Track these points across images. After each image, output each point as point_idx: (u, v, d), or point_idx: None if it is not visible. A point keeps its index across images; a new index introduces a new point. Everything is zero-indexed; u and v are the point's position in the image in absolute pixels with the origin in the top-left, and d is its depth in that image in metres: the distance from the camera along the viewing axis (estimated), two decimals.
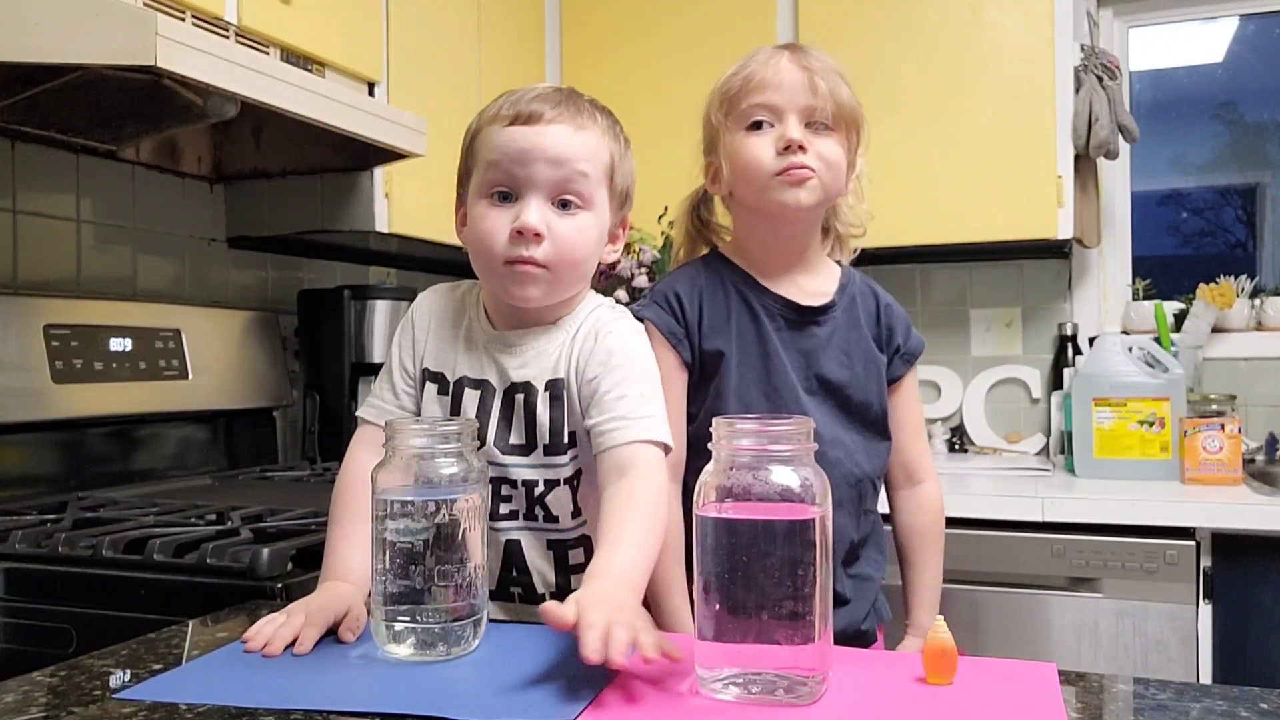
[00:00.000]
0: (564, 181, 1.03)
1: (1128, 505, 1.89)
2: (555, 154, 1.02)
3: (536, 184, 1.03)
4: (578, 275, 1.08)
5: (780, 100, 1.14)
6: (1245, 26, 2.68)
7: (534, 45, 2.63)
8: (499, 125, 1.04)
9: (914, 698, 0.76)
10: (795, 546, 0.74)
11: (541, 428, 1.06)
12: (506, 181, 1.03)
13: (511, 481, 1.07)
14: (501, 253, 1.03)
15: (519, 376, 1.07)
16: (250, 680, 0.79)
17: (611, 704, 0.74)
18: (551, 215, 1.03)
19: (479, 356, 1.10)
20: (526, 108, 1.03)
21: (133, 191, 1.90)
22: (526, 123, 1.03)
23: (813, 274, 1.23)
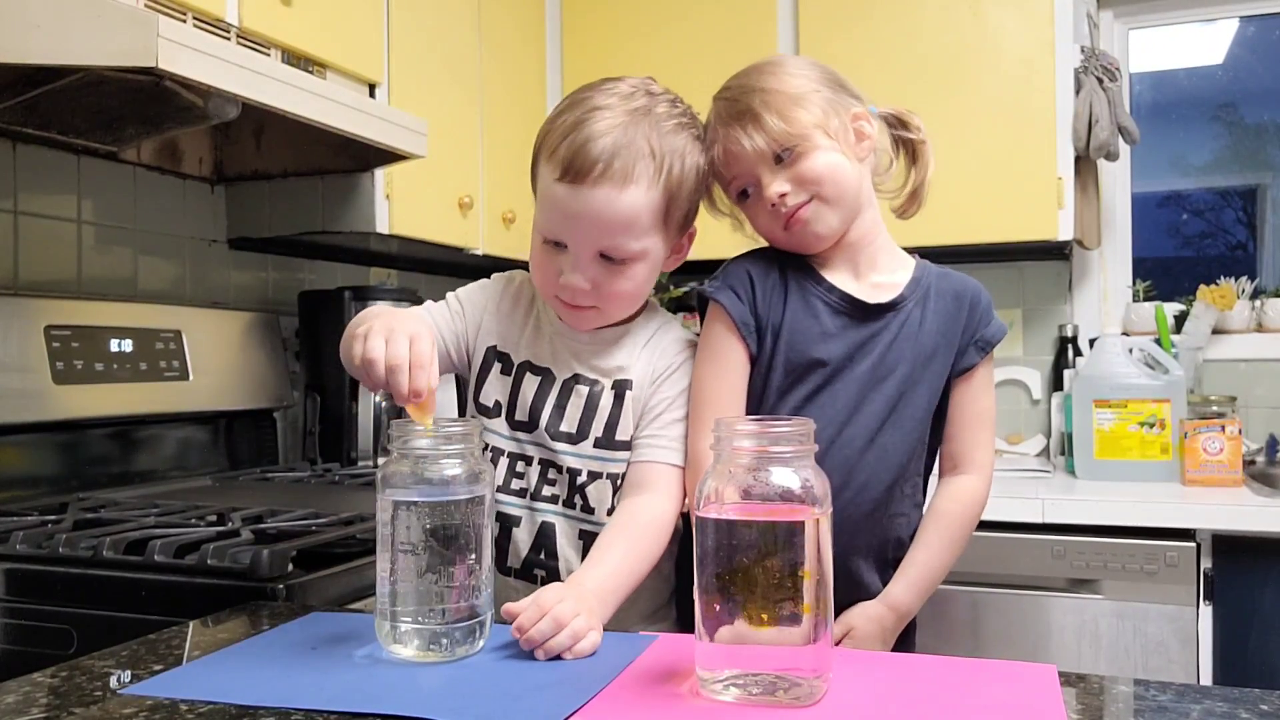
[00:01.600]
0: (609, 247, 1.04)
1: (1128, 507, 1.89)
2: (596, 221, 1.02)
3: (580, 244, 1.04)
4: (631, 306, 1.12)
5: (743, 168, 1.11)
6: (1245, 28, 2.68)
7: (535, 46, 2.63)
8: (551, 170, 1.03)
9: (914, 699, 0.76)
10: (795, 547, 0.74)
11: (599, 422, 1.11)
12: (555, 233, 1.05)
13: (559, 466, 1.11)
14: (552, 291, 1.09)
15: (586, 371, 1.12)
16: (251, 680, 0.79)
17: (612, 704, 0.74)
18: (598, 270, 1.05)
19: (545, 345, 1.14)
20: (580, 156, 1.01)
21: (134, 193, 1.91)
22: (575, 180, 1.01)
23: (880, 268, 1.17)
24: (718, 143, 1.12)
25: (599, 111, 1.03)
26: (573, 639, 0.85)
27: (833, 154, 1.10)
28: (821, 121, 1.10)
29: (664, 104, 1.08)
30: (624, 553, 1.01)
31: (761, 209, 1.12)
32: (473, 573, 0.86)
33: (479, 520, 0.87)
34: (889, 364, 1.13)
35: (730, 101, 1.12)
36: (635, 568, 1.02)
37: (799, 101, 1.09)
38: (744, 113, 1.09)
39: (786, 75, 1.12)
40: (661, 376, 1.12)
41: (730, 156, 1.11)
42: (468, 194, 2.22)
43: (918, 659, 0.87)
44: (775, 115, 1.08)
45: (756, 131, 1.08)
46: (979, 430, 1.20)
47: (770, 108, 1.08)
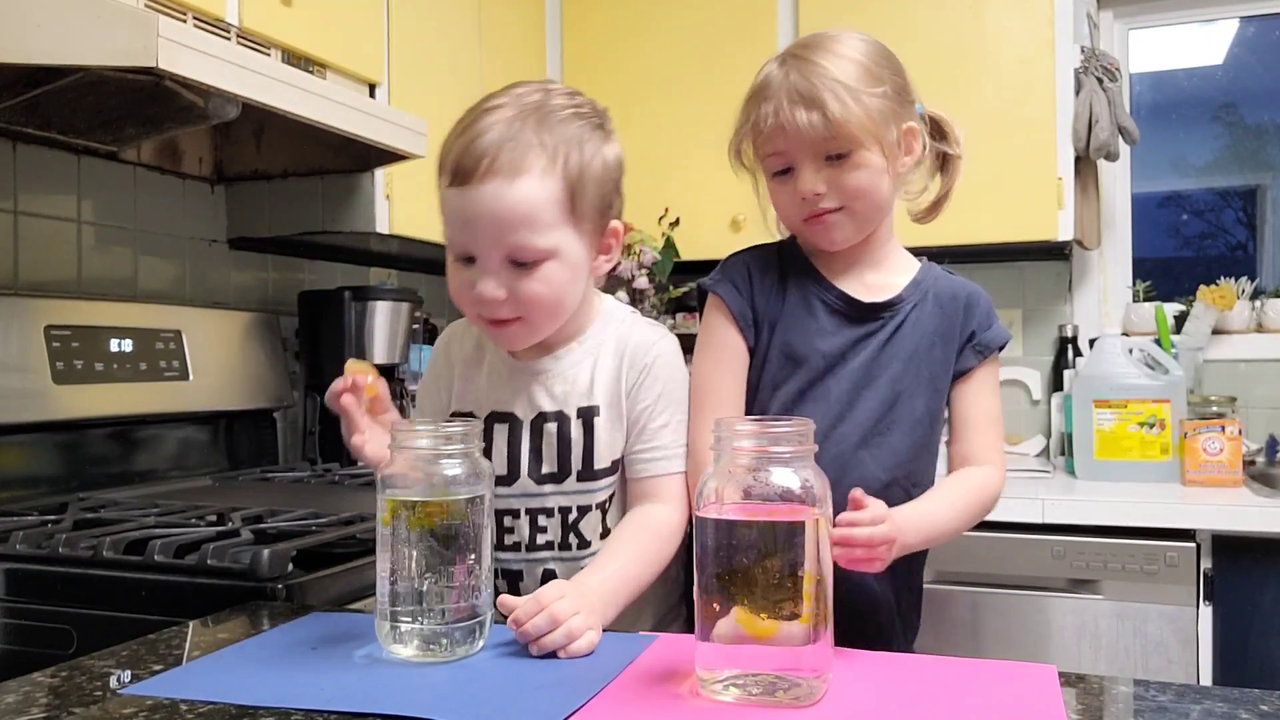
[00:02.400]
0: (511, 247, 0.98)
1: (1128, 507, 1.89)
2: (491, 218, 0.97)
3: (484, 249, 0.99)
4: (558, 314, 1.05)
5: (789, 147, 1.07)
6: (1245, 28, 2.68)
7: (535, 46, 2.63)
8: (444, 179, 1.00)
9: (914, 699, 0.76)
10: (795, 547, 0.74)
11: (576, 456, 1.08)
12: (460, 245, 1.01)
13: (548, 510, 1.09)
14: (472, 311, 1.03)
15: (548, 405, 1.08)
16: (251, 680, 0.79)
17: (612, 704, 0.74)
18: (510, 276, 0.99)
19: (503, 389, 1.10)
20: (465, 156, 0.97)
21: (134, 193, 1.91)
22: (462, 182, 0.97)
23: (882, 269, 1.16)
24: (772, 104, 1.07)
25: (487, 113, 1.00)
26: (567, 637, 0.85)
27: (878, 168, 1.08)
28: (881, 133, 1.07)
29: (560, 97, 1.04)
30: (630, 556, 1.01)
31: (788, 192, 1.10)
32: (472, 573, 0.87)
33: (479, 520, 0.88)
34: (882, 363, 1.12)
35: (803, 76, 1.06)
36: (641, 571, 1.01)
37: (869, 108, 1.05)
38: (813, 98, 1.04)
39: (866, 70, 1.08)
40: (634, 386, 1.08)
41: (779, 130, 1.07)
42: None
43: (918, 659, 0.87)
44: (843, 115, 1.04)
45: (818, 122, 1.04)
46: (985, 432, 1.18)
47: (842, 105, 1.04)
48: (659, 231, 2.50)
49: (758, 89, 1.10)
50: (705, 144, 2.54)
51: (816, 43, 1.10)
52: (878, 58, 1.11)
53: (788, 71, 1.07)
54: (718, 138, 2.73)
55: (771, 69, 1.10)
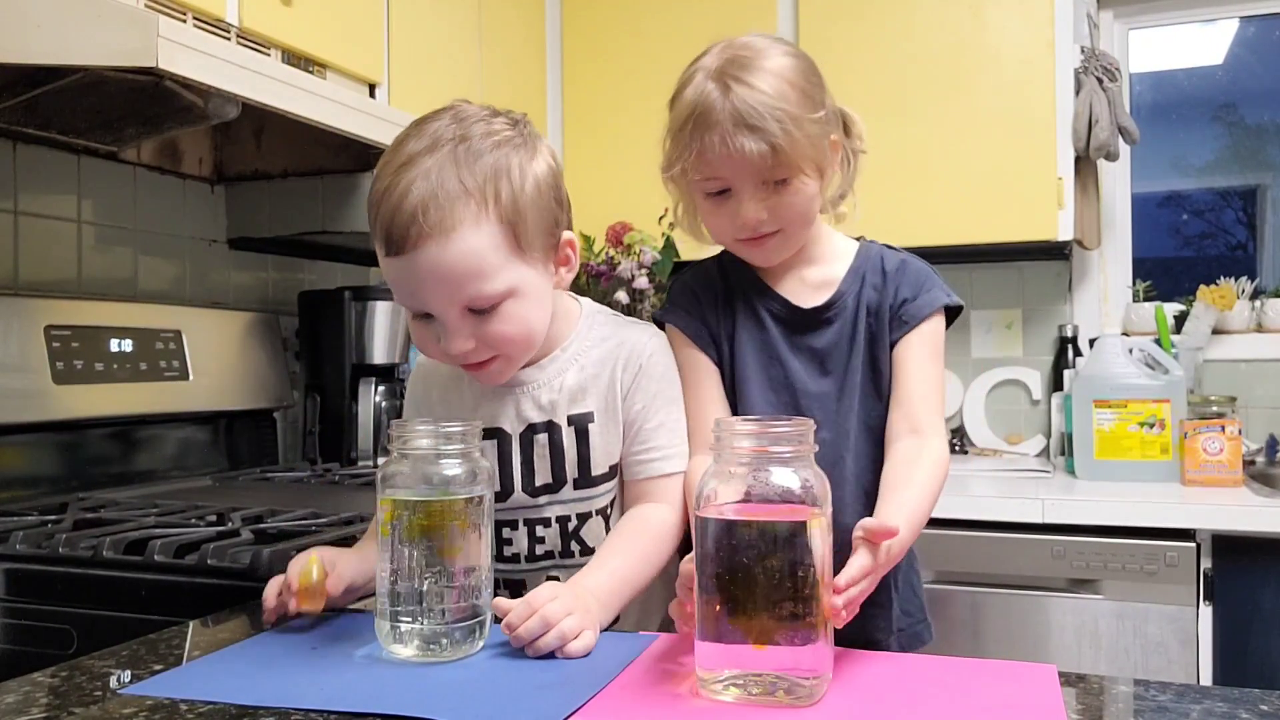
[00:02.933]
0: (465, 301, 0.96)
1: (1128, 507, 1.89)
2: (438, 281, 0.94)
3: (440, 308, 0.96)
4: (534, 342, 1.03)
5: (731, 174, 1.05)
6: (1245, 28, 2.68)
7: (535, 46, 2.63)
8: (380, 247, 0.96)
9: (914, 700, 0.76)
10: (795, 548, 0.74)
11: (570, 463, 1.07)
12: (412, 307, 0.99)
13: (545, 520, 1.09)
14: (446, 362, 1.03)
15: (536, 416, 1.07)
16: (250, 680, 0.79)
17: (612, 705, 0.74)
18: (473, 323, 0.97)
19: (488, 405, 1.08)
20: (394, 225, 0.93)
21: (134, 193, 1.91)
22: (398, 252, 0.93)
23: (819, 262, 1.15)
24: (717, 133, 1.03)
25: (403, 169, 0.94)
26: (561, 639, 0.85)
27: (814, 190, 1.07)
28: (819, 157, 1.06)
29: (478, 125, 0.98)
30: (627, 555, 1.01)
31: (726, 214, 1.08)
32: (472, 573, 0.86)
33: (479, 520, 0.88)
34: (834, 361, 1.13)
35: (747, 103, 1.02)
36: (638, 570, 1.01)
37: (810, 134, 1.04)
38: (759, 129, 1.01)
39: (804, 94, 1.05)
40: (629, 389, 1.07)
41: (720, 155, 1.03)
42: None
43: (918, 659, 0.87)
44: (789, 145, 1.02)
45: (766, 152, 1.01)
46: (927, 398, 1.10)
47: (788, 135, 1.01)
48: (659, 231, 2.50)
49: (698, 114, 1.04)
50: None
51: (750, 61, 1.06)
52: (809, 74, 1.08)
53: (729, 96, 1.03)
54: None
55: (709, 91, 1.04)
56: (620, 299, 2.45)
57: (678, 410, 1.10)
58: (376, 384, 2.13)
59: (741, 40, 1.10)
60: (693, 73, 1.08)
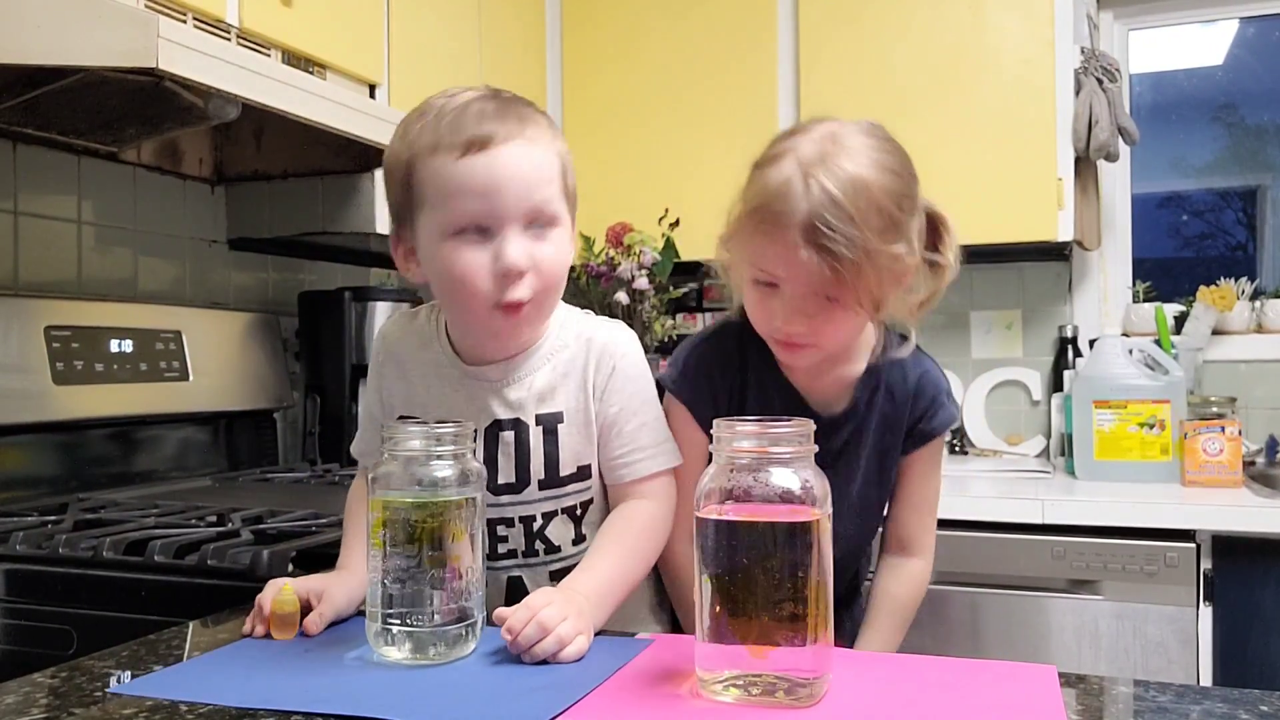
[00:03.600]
0: (536, 208, 0.96)
1: (1128, 507, 1.89)
2: (523, 179, 0.95)
3: (510, 216, 0.95)
4: (558, 299, 1.04)
5: (783, 275, 0.99)
6: (1245, 29, 2.68)
7: (535, 47, 2.63)
8: (448, 157, 0.94)
9: (914, 699, 0.76)
10: (795, 548, 0.74)
11: (536, 464, 1.04)
12: (477, 219, 0.95)
13: (508, 520, 1.06)
14: (487, 296, 0.96)
15: (503, 414, 1.04)
16: (240, 681, 0.79)
17: (612, 705, 0.74)
18: (529, 241, 0.96)
19: (453, 396, 1.05)
20: (474, 132, 0.94)
21: (134, 193, 1.91)
22: (480, 150, 0.93)
23: (842, 362, 1.11)
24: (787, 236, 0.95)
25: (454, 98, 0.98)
26: (559, 644, 0.84)
27: (863, 319, 1.04)
28: (879, 290, 0.98)
29: (510, 95, 1.02)
30: (618, 555, 1.00)
31: (768, 308, 1.02)
32: (463, 575, 0.86)
33: (470, 522, 0.87)
34: (840, 464, 1.12)
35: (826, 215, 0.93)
36: (631, 569, 1.01)
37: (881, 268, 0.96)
38: (825, 248, 0.94)
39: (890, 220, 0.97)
40: (603, 389, 1.05)
41: (780, 256, 0.97)
42: None
43: (917, 659, 0.87)
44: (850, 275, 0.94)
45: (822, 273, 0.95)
46: (923, 514, 1.20)
47: (857, 268, 0.94)
48: (659, 232, 2.50)
49: (774, 207, 0.96)
50: (705, 144, 2.56)
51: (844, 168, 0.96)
52: (903, 192, 1.00)
53: (809, 199, 0.95)
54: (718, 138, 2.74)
55: (793, 186, 0.96)
56: (620, 300, 2.45)
57: (655, 408, 1.08)
58: None
59: (846, 133, 1.00)
60: (784, 151, 0.99)
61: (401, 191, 0.99)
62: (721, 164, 2.78)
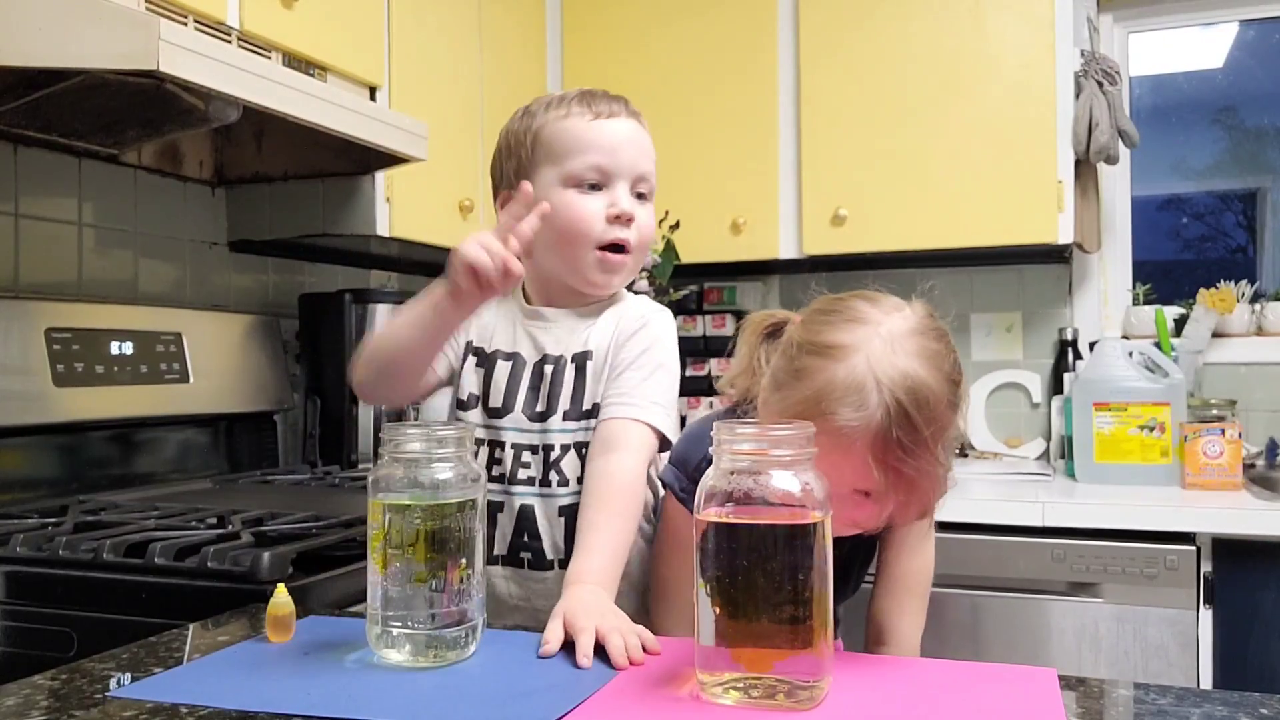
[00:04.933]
0: (642, 175, 1.14)
1: (1128, 510, 1.89)
2: (638, 148, 1.14)
3: (624, 174, 1.13)
4: (641, 263, 1.19)
5: (834, 475, 0.84)
6: (1245, 32, 2.68)
7: (535, 49, 2.63)
8: (580, 119, 1.13)
9: (914, 702, 0.76)
10: (796, 551, 0.74)
11: (564, 396, 1.14)
12: (600, 171, 1.12)
13: (533, 447, 1.14)
14: (597, 237, 1.12)
15: (553, 350, 1.16)
16: (241, 684, 0.79)
17: (612, 707, 0.74)
18: (634, 204, 1.13)
19: (513, 330, 1.18)
20: (602, 106, 1.14)
21: (134, 195, 1.91)
22: (609, 116, 1.13)
23: None
24: (838, 424, 0.87)
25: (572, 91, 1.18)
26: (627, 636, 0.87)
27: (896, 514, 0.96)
28: (932, 497, 0.94)
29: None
30: (610, 528, 1.04)
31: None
32: (465, 577, 0.86)
33: (470, 524, 0.87)
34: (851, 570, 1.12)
35: (893, 418, 0.86)
36: (624, 537, 1.05)
37: (938, 479, 0.92)
38: (893, 465, 0.88)
39: (950, 438, 0.92)
40: (622, 338, 1.14)
41: (837, 459, 0.87)
42: (468, 197, 2.23)
43: (918, 662, 0.87)
44: (909, 494, 0.90)
45: (881, 485, 0.89)
46: (900, 598, 1.10)
47: (917, 483, 0.89)
48: (660, 234, 2.50)
49: (840, 404, 0.87)
50: (706, 146, 2.56)
51: (919, 370, 0.88)
52: (958, 401, 0.93)
53: (884, 408, 0.86)
54: (718, 140, 2.74)
55: (865, 383, 0.87)
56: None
57: (662, 373, 1.14)
58: None
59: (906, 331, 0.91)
60: (852, 348, 0.89)
61: (521, 155, 1.15)
62: (722, 166, 2.79)
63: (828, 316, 0.94)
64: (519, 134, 1.16)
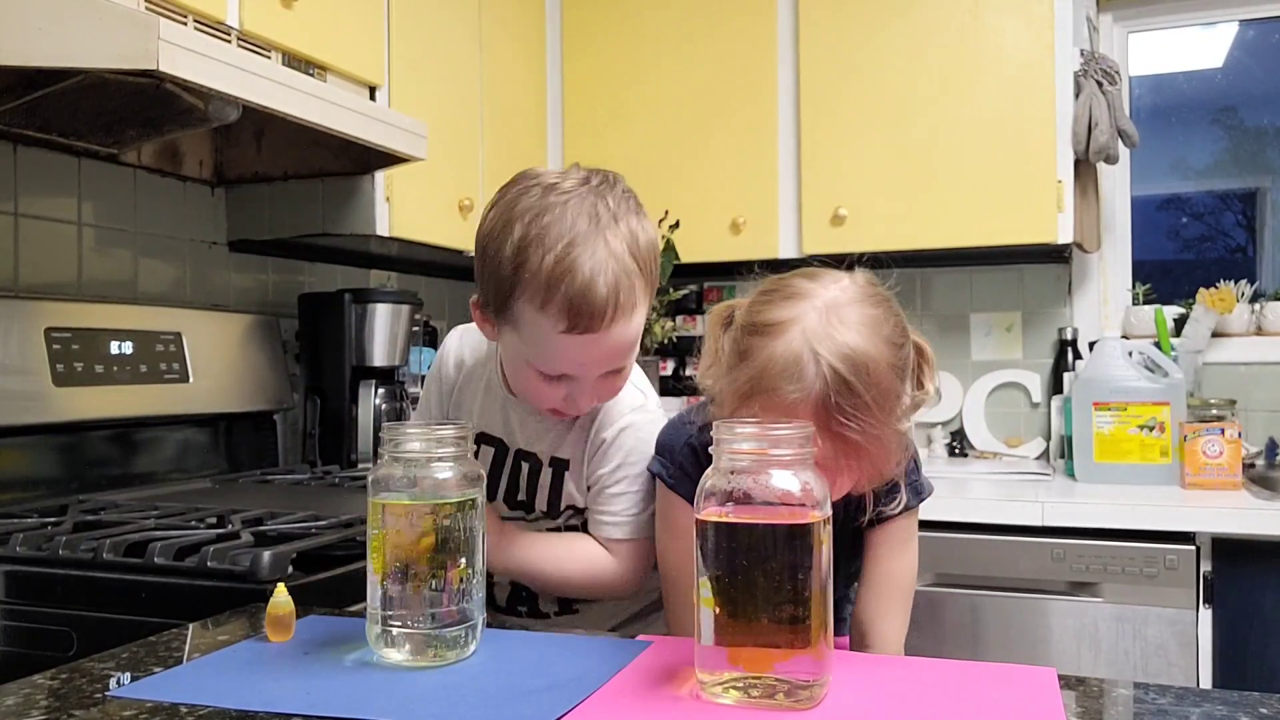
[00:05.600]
0: (617, 365, 1.05)
1: (1128, 510, 1.90)
2: (611, 353, 1.02)
3: (591, 373, 1.03)
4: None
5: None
6: (1245, 32, 2.68)
7: (535, 50, 2.63)
8: (552, 322, 0.97)
9: (914, 702, 0.76)
10: (795, 550, 0.74)
11: (541, 497, 1.16)
12: (558, 371, 1.03)
13: (516, 519, 1.19)
14: (546, 406, 1.08)
15: (527, 446, 1.15)
16: (240, 684, 0.79)
17: (611, 707, 0.74)
18: (601, 384, 1.06)
19: (495, 414, 1.17)
20: (585, 308, 0.96)
21: (134, 195, 1.91)
22: (586, 330, 0.97)
23: None
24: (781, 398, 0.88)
25: (577, 246, 0.96)
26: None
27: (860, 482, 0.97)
28: (884, 464, 0.94)
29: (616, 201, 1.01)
30: (547, 553, 1.11)
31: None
32: (465, 577, 0.86)
33: (471, 524, 0.87)
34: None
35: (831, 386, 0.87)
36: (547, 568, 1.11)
37: (888, 443, 0.92)
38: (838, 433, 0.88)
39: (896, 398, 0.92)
40: (593, 456, 1.13)
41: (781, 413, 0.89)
42: (468, 197, 2.23)
43: (917, 662, 0.87)
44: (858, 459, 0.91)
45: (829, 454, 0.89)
46: (882, 598, 1.08)
47: (865, 449, 0.90)
48: (659, 234, 2.50)
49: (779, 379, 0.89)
50: (705, 147, 2.57)
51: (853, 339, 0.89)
52: (902, 364, 0.94)
53: (821, 378, 0.88)
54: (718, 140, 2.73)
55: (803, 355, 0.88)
56: None
57: (639, 483, 1.13)
58: (376, 386, 2.14)
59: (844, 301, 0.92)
60: (788, 322, 0.91)
61: (497, 291, 1.01)
62: (722, 166, 2.79)
63: (768, 296, 0.95)
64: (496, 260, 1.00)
